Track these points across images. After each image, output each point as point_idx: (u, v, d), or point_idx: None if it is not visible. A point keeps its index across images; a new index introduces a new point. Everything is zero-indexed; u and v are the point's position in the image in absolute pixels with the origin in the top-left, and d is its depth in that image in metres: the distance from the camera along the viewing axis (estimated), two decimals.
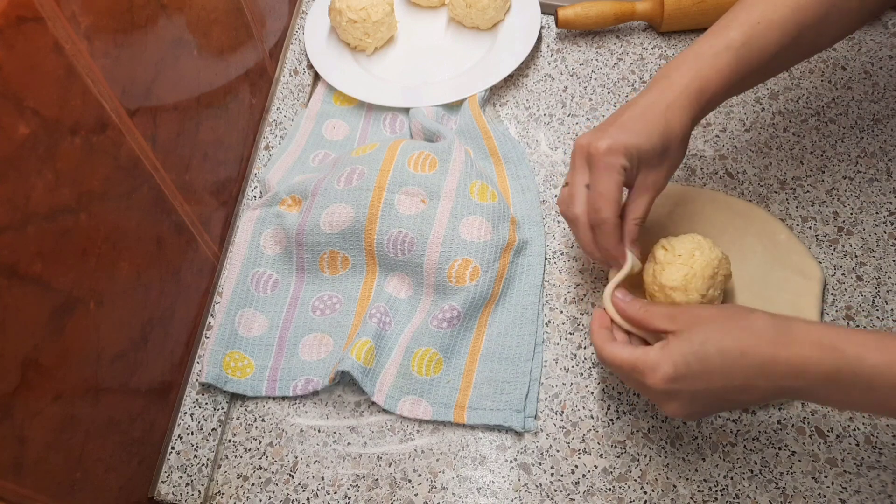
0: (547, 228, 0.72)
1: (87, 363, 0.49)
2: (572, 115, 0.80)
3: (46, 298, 0.44)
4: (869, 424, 0.61)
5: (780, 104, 0.79)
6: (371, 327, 0.64)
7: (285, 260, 0.70)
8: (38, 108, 0.42)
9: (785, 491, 0.59)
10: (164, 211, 0.58)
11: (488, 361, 0.65)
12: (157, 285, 0.58)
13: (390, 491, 0.60)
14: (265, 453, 0.63)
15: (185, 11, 0.61)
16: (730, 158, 0.75)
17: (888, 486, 0.58)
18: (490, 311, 0.67)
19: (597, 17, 0.84)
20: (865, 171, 0.74)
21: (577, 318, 0.67)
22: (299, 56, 0.85)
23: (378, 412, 0.64)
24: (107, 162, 0.50)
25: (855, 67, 0.81)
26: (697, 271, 0.58)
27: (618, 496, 0.59)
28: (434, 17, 0.90)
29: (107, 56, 0.49)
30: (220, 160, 0.69)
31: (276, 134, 0.79)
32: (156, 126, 0.56)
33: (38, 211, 0.43)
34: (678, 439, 0.61)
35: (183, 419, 0.62)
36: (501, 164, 0.76)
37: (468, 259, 0.65)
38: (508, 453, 0.61)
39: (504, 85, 0.83)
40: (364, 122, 0.81)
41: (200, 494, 0.60)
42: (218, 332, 0.66)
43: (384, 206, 0.67)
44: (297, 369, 0.65)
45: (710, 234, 0.63)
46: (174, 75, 0.59)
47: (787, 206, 0.72)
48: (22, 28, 0.41)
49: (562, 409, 0.63)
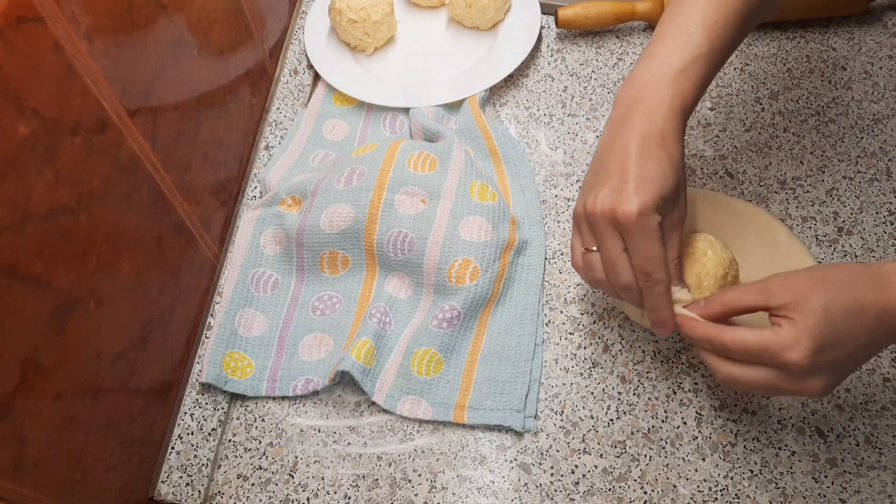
0: (547, 228, 0.72)
1: (87, 363, 0.49)
2: (572, 115, 0.80)
3: (46, 298, 0.44)
4: (869, 424, 0.61)
5: (780, 104, 0.79)
6: (371, 327, 0.64)
7: (285, 260, 0.70)
8: (38, 108, 0.42)
9: (785, 491, 0.59)
10: (164, 211, 0.58)
11: (488, 361, 0.65)
12: (157, 285, 0.58)
13: (390, 491, 0.60)
14: (265, 453, 0.63)
15: (185, 11, 0.61)
16: (730, 158, 0.75)
17: (888, 486, 0.58)
18: (490, 311, 0.67)
19: (597, 18, 0.84)
20: (865, 171, 0.74)
21: (577, 318, 0.67)
22: (299, 56, 0.85)
23: (378, 412, 0.64)
24: (107, 162, 0.50)
25: (855, 67, 0.81)
26: (710, 270, 0.57)
27: (618, 496, 0.59)
28: (434, 17, 0.90)
29: (107, 56, 0.49)
30: (220, 160, 0.69)
31: (276, 134, 0.79)
32: (156, 126, 0.56)
33: (38, 211, 0.43)
34: (678, 439, 0.61)
35: (183, 419, 0.62)
36: (501, 164, 0.76)
37: (468, 259, 0.65)
38: (508, 453, 0.61)
39: (504, 85, 0.83)
40: (364, 122, 0.82)
41: (200, 494, 0.60)
42: (218, 332, 0.66)
43: (384, 206, 0.67)
44: (297, 369, 0.65)
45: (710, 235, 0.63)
46: (174, 75, 0.59)
47: (787, 206, 0.72)
48: (22, 28, 0.41)
49: (562, 409, 0.63)
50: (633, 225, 0.50)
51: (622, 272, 0.52)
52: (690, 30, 0.55)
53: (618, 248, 0.52)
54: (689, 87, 0.54)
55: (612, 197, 0.51)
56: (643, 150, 0.52)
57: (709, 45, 0.54)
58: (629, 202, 0.50)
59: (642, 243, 0.51)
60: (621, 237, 0.52)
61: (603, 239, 0.53)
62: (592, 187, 0.53)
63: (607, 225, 0.52)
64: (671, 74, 0.54)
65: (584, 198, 0.54)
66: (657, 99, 0.53)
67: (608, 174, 0.52)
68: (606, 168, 0.53)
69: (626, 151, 0.52)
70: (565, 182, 0.75)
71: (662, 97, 0.53)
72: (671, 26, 0.56)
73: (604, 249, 0.53)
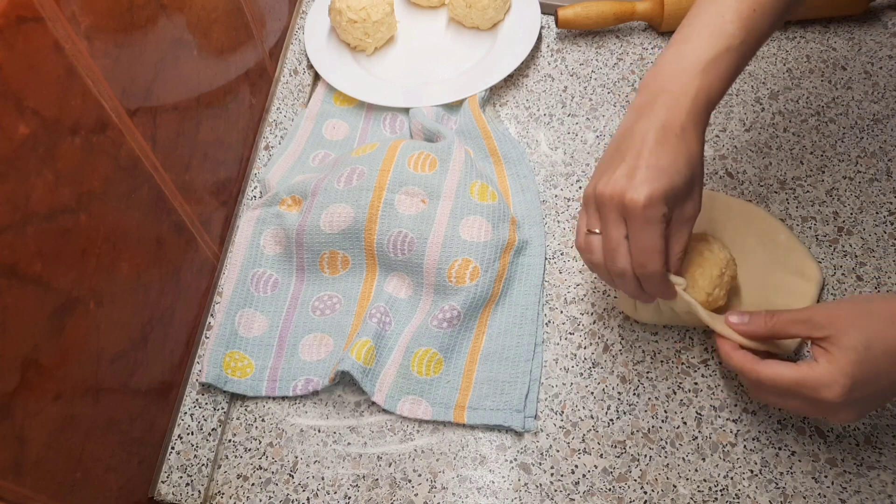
0: (547, 228, 0.72)
1: (87, 363, 0.49)
2: (572, 115, 0.80)
3: (46, 298, 0.44)
4: (869, 425, 0.61)
5: (780, 104, 0.79)
6: (371, 327, 0.64)
7: (285, 260, 0.70)
8: (38, 108, 0.42)
9: (785, 491, 0.58)
10: (164, 211, 0.58)
11: (488, 361, 0.65)
12: (157, 285, 0.58)
13: (390, 491, 0.60)
14: (265, 453, 0.63)
15: (185, 11, 0.61)
16: (730, 158, 0.75)
17: (888, 486, 0.58)
18: (490, 311, 0.67)
19: (597, 18, 0.84)
20: (865, 171, 0.74)
21: (577, 318, 0.67)
22: (299, 56, 0.85)
23: (378, 412, 0.64)
24: (107, 162, 0.50)
25: (855, 67, 0.81)
26: (706, 269, 0.58)
27: (618, 496, 0.59)
28: (434, 17, 0.90)
29: (107, 56, 0.49)
30: (220, 160, 0.69)
31: (276, 134, 0.79)
32: (156, 126, 0.56)
33: (38, 211, 0.43)
34: (678, 439, 0.61)
35: (183, 419, 0.62)
36: (501, 164, 0.76)
37: (468, 259, 0.65)
38: (508, 453, 0.61)
39: (504, 85, 0.83)
40: (364, 122, 0.82)
41: (200, 494, 0.60)
42: (218, 332, 0.66)
43: (384, 206, 0.67)
44: (297, 369, 0.65)
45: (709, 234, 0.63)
46: (174, 75, 0.59)
47: (787, 206, 0.72)
48: (22, 28, 0.41)
49: (562, 409, 0.63)
50: (637, 213, 0.50)
51: (619, 259, 0.52)
52: (726, 18, 0.53)
53: (620, 234, 0.52)
54: (716, 80, 0.53)
55: (622, 182, 0.51)
56: (661, 139, 0.51)
57: (743, 35, 0.53)
58: (637, 190, 0.50)
59: (642, 232, 0.51)
60: (625, 224, 0.51)
61: (607, 223, 0.52)
62: (605, 171, 0.53)
63: (613, 209, 0.51)
64: (700, 65, 0.52)
65: (597, 180, 0.53)
66: (683, 90, 0.52)
67: (623, 159, 0.52)
68: (622, 153, 0.52)
69: (644, 139, 0.51)
70: (565, 182, 0.75)
71: (688, 89, 0.52)
72: (705, 13, 0.54)
73: (605, 233, 0.53)
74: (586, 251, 0.55)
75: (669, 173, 0.50)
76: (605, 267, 0.54)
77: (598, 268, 0.55)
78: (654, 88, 0.53)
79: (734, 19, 0.53)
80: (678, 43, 0.54)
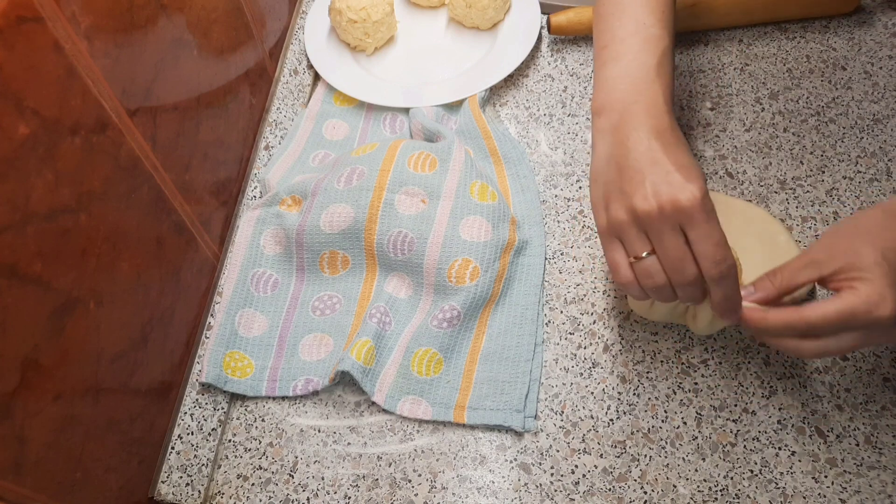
0: (547, 228, 0.72)
1: (87, 363, 0.49)
2: (572, 115, 0.80)
3: (46, 298, 0.44)
4: (869, 424, 0.61)
5: (780, 104, 0.79)
6: (371, 327, 0.64)
7: (285, 260, 0.70)
8: (38, 108, 0.42)
9: (785, 491, 0.59)
10: (164, 211, 0.58)
11: (488, 361, 0.65)
12: (157, 285, 0.58)
13: (390, 491, 0.60)
14: (265, 453, 0.63)
15: (185, 11, 0.61)
16: (730, 158, 0.75)
17: (888, 486, 0.58)
18: (490, 311, 0.67)
19: (589, 23, 0.83)
20: (865, 171, 0.74)
21: (577, 318, 0.67)
22: (299, 56, 0.85)
23: (378, 412, 0.64)
24: (107, 162, 0.50)
25: (855, 67, 0.81)
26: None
27: (618, 496, 0.59)
28: (434, 17, 0.90)
29: (107, 56, 0.49)
30: (220, 160, 0.69)
31: (276, 134, 0.79)
32: (156, 126, 0.56)
33: (38, 211, 0.43)
34: (678, 439, 0.61)
35: (183, 419, 0.62)
36: (501, 164, 0.76)
37: (468, 259, 0.65)
38: (508, 453, 0.61)
39: (504, 85, 0.83)
40: (364, 122, 0.82)
41: (200, 494, 0.60)
42: (218, 332, 0.66)
43: (384, 206, 0.67)
44: (297, 369, 0.65)
45: None
46: (174, 75, 0.59)
47: (787, 206, 0.72)
48: (22, 28, 0.41)
49: (562, 409, 0.63)
50: (697, 211, 0.48)
51: (688, 267, 0.50)
52: (648, 23, 0.54)
53: (681, 242, 0.49)
54: (668, 81, 0.54)
55: (665, 190, 0.48)
56: (664, 142, 0.50)
57: (668, 35, 0.55)
58: (688, 189, 0.48)
59: (708, 227, 0.48)
60: (682, 231, 0.49)
61: (662, 236, 0.49)
62: (622, 193, 0.51)
63: (666, 221, 0.49)
64: (652, 72, 0.53)
65: (605, 212, 0.52)
66: (649, 97, 0.52)
67: (640, 173, 0.50)
68: (634, 169, 0.50)
69: (649, 148, 0.50)
70: (565, 182, 0.75)
71: (652, 94, 0.52)
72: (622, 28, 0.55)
73: (664, 248, 0.50)
74: (644, 278, 0.51)
75: (696, 168, 0.50)
76: (668, 286, 0.51)
77: (661, 290, 0.51)
78: (616, 107, 0.53)
79: (655, 23, 0.54)
80: (613, 61, 0.55)
